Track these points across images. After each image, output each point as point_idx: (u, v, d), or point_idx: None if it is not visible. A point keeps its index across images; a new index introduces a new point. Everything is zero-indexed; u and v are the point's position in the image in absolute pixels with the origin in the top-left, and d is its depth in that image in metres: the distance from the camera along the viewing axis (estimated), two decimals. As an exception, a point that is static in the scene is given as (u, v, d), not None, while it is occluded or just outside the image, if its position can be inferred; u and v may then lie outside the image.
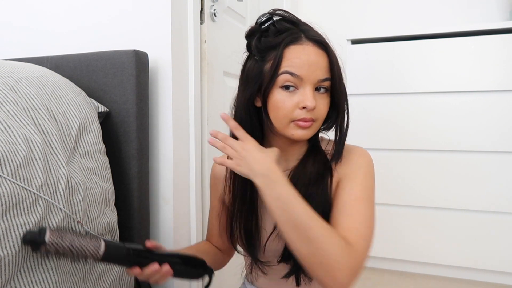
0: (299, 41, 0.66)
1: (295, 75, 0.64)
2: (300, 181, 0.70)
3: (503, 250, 1.67)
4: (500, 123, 1.65)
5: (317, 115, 0.67)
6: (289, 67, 0.64)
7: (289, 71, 0.64)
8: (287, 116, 0.66)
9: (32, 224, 0.67)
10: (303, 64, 0.64)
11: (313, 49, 0.66)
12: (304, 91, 0.65)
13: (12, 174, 0.65)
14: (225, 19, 1.43)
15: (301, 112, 0.65)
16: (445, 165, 1.74)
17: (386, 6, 2.15)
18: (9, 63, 0.91)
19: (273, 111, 0.68)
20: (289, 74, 0.64)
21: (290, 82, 0.65)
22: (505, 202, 1.66)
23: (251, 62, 0.71)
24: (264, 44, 0.67)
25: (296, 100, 0.65)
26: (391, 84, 1.80)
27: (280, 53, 0.65)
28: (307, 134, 0.68)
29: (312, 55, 0.65)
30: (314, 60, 0.65)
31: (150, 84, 1.12)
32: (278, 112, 0.67)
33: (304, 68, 0.64)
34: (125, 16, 1.15)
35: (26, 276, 0.67)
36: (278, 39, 0.66)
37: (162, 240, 1.13)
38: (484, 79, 1.66)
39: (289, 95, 0.66)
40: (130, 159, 1.03)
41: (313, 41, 0.66)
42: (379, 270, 1.92)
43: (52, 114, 0.83)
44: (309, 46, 0.66)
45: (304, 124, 0.66)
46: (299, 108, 0.65)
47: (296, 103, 0.65)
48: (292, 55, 0.65)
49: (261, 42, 0.68)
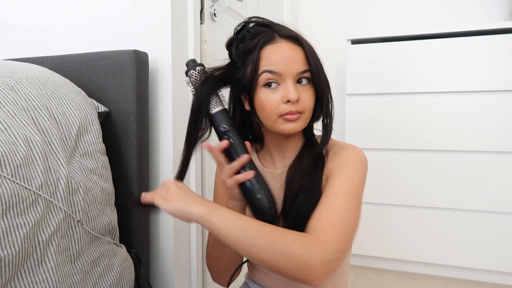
0: (273, 41, 0.69)
1: (274, 72, 0.68)
2: (296, 175, 0.71)
3: (503, 250, 1.67)
4: (500, 123, 1.65)
5: (303, 106, 0.69)
6: (267, 66, 0.68)
7: (268, 69, 0.68)
8: (273, 112, 0.69)
9: (32, 224, 0.67)
10: (279, 60, 0.68)
11: (287, 45, 0.69)
12: (286, 85, 0.68)
13: (12, 174, 0.65)
14: (225, 19, 1.43)
15: (286, 106, 0.68)
16: (445, 165, 1.74)
17: (385, 6, 2.15)
18: (9, 63, 0.91)
19: (260, 110, 0.71)
20: (268, 72, 0.68)
21: (271, 79, 0.68)
22: (505, 202, 1.66)
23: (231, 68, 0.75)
24: (242, 49, 0.71)
25: (279, 96, 0.68)
26: (390, 84, 1.80)
27: (257, 54, 0.69)
28: (297, 126, 0.70)
29: (287, 51, 0.68)
30: (289, 55, 0.68)
31: (150, 84, 1.12)
32: (265, 110, 0.70)
33: (281, 64, 0.68)
34: (125, 16, 1.15)
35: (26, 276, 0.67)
36: (254, 42, 0.70)
37: (162, 240, 1.14)
38: (484, 79, 1.66)
39: (272, 92, 0.69)
40: (130, 159, 1.03)
41: (286, 37, 0.70)
42: (379, 270, 1.92)
43: (52, 114, 0.83)
44: (282, 43, 0.69)
45: (291, 117, 0.68)
46: (284, 103, 0.68)
47: (280, 98, 0.68)
48: (268, 54, 0.68)
49: (239, 49, 0.72)
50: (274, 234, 0.60)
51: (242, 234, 0.61)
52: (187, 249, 1.21)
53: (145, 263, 1.07)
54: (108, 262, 0.88)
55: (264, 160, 0.81)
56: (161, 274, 1.15)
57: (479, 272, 1.78)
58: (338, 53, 2.18)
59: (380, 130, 1.82)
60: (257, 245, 0.60)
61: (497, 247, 1.68)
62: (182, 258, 1.18)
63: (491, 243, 1.68)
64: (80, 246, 0.80)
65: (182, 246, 1.18)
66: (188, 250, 1.22)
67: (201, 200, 0.66)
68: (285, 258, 0.58)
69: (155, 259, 1.15)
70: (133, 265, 0.98)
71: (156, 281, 1.15)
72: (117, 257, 0.92)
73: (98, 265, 0.85)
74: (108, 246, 0.90)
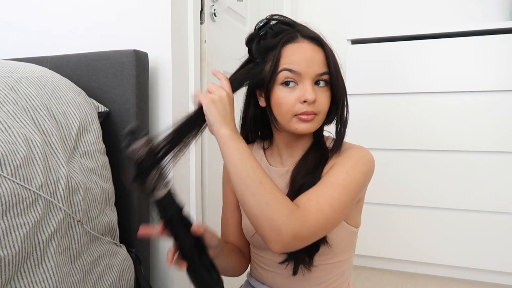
0: (295, 40, 0.69)
1: (293, 71, 0.68)
2: (300, 173, 0.72)
3: (503, 250, 1.67)
4: (500, 123, 1.64)
5: (319, 108, 0.70)
6: (287, 64, 0.68)
7: (288, 68, 0.68)
8: (289, 111, 0.69)
9: (32, 224, 0.67)
10: (300, 60, 0.68)
11: (309, 46, 0.69)
12: (304, 85, 0.68)
13: (12, 174, 0.65)
14: (225, 19, 1.43)
15: (302, 106, 0.68)
16: (445, 165, 1.73)
17: (386, 6, 2.15)
18: (9, 63, 0.91)
19: (276, 107, 0.71)
20: (287, 70, 0.68)
21: (290, 78, 0.68)
22: (505, 202, 1.66)
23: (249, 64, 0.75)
24: (263, 46, 0.71)
25: (297, 95, 0.68)
26: (391, 84, 1.79)
27: (278, 52, 0.69)
28: (310, 127, 0.70)
29: (309, 51, 0.69)
30: (311, 55, 0.69)
31: (150, 84, 1.12)
32: (281, 108, 0.70)
33: (301, 64, 0.68)
34: (125, 16, 1.15)
35: (26, 276, 0.67)
36: (276, 40, 0.70)
37: (162, 240, 1.14)
38: (484, 79, 1.66)
39: (289, 90, 0.69)
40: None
41: (308, 38, 0.70)
42: (379, 270, 1.92)
43: (52, 114, 0.83)
44: (305, 43, 0.69)
45: (306, 118, 0.69)
46: (300, 102, 0.68)
47: (297, 98, 0.68)
48: (290, 53, 0.68)
49: (260, 45, 0.72)
50: (269, 189, 0.62)
51: (245, 171, 0.62)
52: (187, 249, 1.21)
53: (145, 263, 1.07)
54: (108, 262, 0.88)
55: (271, 158, 0.81)
56: (161, 274, 1.15)
57: (479, 272, 1.78)
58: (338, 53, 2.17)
59: (380, 130, 1.82)
60: (250, 188, 0.62)
61: (497, 247, 1.68)
62: (182, 258, 1.18)
63: (491, 243, 1.68)
64: (80, 246, 0.80)
65: (182, 246, 1.18)
66: (188, 250, 1.21)
67: (233, 123, 0.68)
68: (265, 213, 0.60)
69: (155, 259, 1.15)
70: (133, 265, 0.98)
71: (156, 281, 1.15)
72: (117, 257, 0.92)
73: (98, 265, 0.85)
74: (108, 246, 0.90)
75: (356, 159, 0.71)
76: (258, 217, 0.61)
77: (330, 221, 0.65)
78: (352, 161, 0.70)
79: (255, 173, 0.63)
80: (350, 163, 0.70)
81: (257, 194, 0.61)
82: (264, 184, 0.62)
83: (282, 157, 0.79)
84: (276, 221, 0.59)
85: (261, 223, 0.61)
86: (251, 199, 0.61)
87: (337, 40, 2.07)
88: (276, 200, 0.61)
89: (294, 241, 0.61)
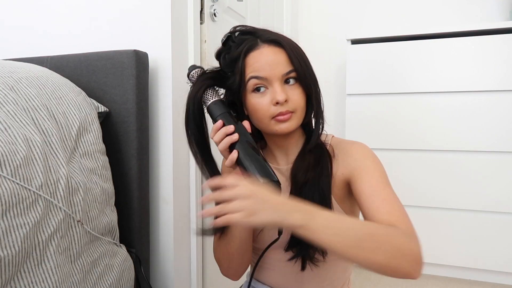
0: (255, 47, 0.71)
1: (260, 77, 0.70)
2: (300, 170, 0.73)
3: (503, 250, 1.67)
4: (500, 123, 1.64)
5: (293, 106, 0.71)
6: (252, 72, 0.70)
7: (254, 76, 0.70)
8: (265, 115, 0.71)
9: (32, 224, 0.67)
10: (263, 65, 0.70)
11: (269, 49, 0.71)
12: (273, 88, 0.70)
13: (12, 174, 0.65)
14: (225, 19, 1.43)
15: (276, 108, 0.70)
16: (445, 165, 1.73)
17: (386, 6, 2.15)
18: (9, 63, 0.91)
19: (253, 114, 0.73)
20: (254, 78, 0.70)
21: (258, 84, 0.70)
22: (505, 202, 1.65)
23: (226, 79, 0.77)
24: (229, 59, 0.73)
25: (269, 99, 0.70)
26: (391, 84, 1.79)
27: (242, 62, 0.71)
28: (290, 125, 0.71)
29: (270, 55, 0.70)
30: (272, 58, 0.70)
31: (150, 84, 1.12)
32: (257, 113, 0.71)
33: (265, 69, 0.69)
34: (125, 16, 1.15)
35: (26, 276, 0.67)
36: (238, 51, 0.72)
37: (162, 240, 1.14)
38: (484, 79, 1.66)
39: (261, 95, 0.71)
40: (130, 159, 1.03)
41: (267, 42, 0.72)
42: (379, 270, 1.92)
43: (52, 114, 0.83)
44: (265, 48, 0.71)
45: (283, 118, 0.70)
46: (273, 105, 0.70)
47: (270, 101, 0.70)
48: (253, 61, 0.70)
49: (226, 59, 0.74)
50: (380, 233, 0.58)
51: (350, 240, 0.56)
52: (187, 249, 1.21)
53: (145, 263, 1.07)
54: (108, 262, 0.88)
55: (267, 158, 0.82)
56: (161, 274, 1.15)
57: (479, 272, 1.77)
58: (338, 53, 2.18)
59: (380, 130, 1.82)
60: (367, 248, 0.56)
61: (497, 247, 1.68)
62: (182, 258, 1.18)
63: (491, 243, 1.68)
64: (80, 246, 0.80)
65: (182, 246, 1.18)
66: (188, 250, 1.22)
67: (293, 205, 0.57)
68: (397, 255, 0.56)
69: (155, 259, 1.15)
70: (133, 265, 0.98)
71: (156, 281, 1.15)
72: (117, 257, 0.92)
73: (98, 265, 0.85)
74: (108, 246, 0.90)
75: (370, 156, 0.73)
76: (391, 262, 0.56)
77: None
78: (369, 159, 0.72)
79: (360, 232, 0.57)
80: (369, 161, 0.72)
81: (379, 246, 0.56)
82: (374, 234, 0.57)
83: (277, 157, 0.80)
84: (409, 254, 0.57)
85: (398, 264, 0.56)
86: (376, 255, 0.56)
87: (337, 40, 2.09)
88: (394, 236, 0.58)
89: (421, 254, 0.59)
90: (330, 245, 0.55)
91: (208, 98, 0.73)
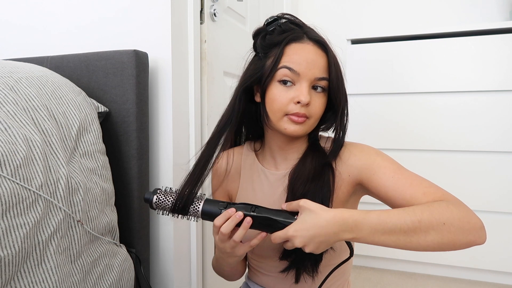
0: (300, 40, 0.69)
1: (292, 70, 0.67)
2: (299, 179, 0.71)
3: (503, 250, 1.67)
4: (500, 123, 1.65)
5: (311, 112, 0.69)
6: (288, 63, 0.68)
7: (288, 66, 0.68)
8: (281, 109, 0.69)
9: (31, 224, 0.67)
10: (301, 60, 0.67)
11: (312, 48, 0.69)
12: (300, 87, 0.68)
13: (12, 174, 0.65)
14: (225, 19, 1.43)
15: (295, 107, 0.68)
16: (445, 165, 1.74)
17: (386, 6, 2.15)
18: (9, 63, 0.91)
19: (269, 103, 0.70)
20: (287, 68, 0.68)
21: (288, 77, 0.68)
22: (505, 202, 1.66)
23: (254, 58, 0.75)
24: (268, 41, 0.71)
25: (292, 95, 0.68)
26: (391, 84, 1.80)
27: (282, 49, 0.68)
28: (300, 129, 0.69)
29: (311, 53, 0.68)
30: (313, 58, 0.68)
31: (150, 84, 1.12)
32: (274, 104, 0.69)
33: (302, 65, 0.67)
34: (125, 16, 1.15)
35: (26, 276, 0.67)
36: (281, 37, 0.69)
37: (162, 240, 1.14)
38: (484, 79, 1.66)
39: (285, 89, 0.69)
40: (130, 159, 1.03)
41: (313, 40, 0.70)
42: (379, 270, 1.92)
43: (52, 114, 0.83)
44: (309, 45, 0.69)
45: (296, 119, 0.68)
46: (294, 103, 0.68)
47: (292, 98, 0.68)
48: (292, 52, 0.68)
49: (266, 40, 0.72)
50: (426, 215, 0.58)
51: (400, 234, 0.58)
52: (187, 249, 1.21)
53: (145, 263, 1.07)
54: (108, 262, 0.88)
55: (264, 161, 0.80)
56: (161, 274, 1.15)
57: (479, 272, 1.78)
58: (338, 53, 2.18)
59: (380, 130, 1.82)
60: (420, 234, 0.57)
61: (497, 247, 1.68)
62: (182, 258, 1.18)
63: (491, 243, 1.68)
64: (80, 246, 0.80)
65: (182, 246, 1.18)
66: (188, 250, 1.22)
67: (338, 225, 0.59)
68: (450, 229, 0.57)
69: (155, 259, 1.15)
70: (133, 265, 0.98)
71: (156, 281, 1.15)
72: (117, 257, 0.92)
73: (98, 265, 0.85)
74: (108, 246, 0.90)
75: (374, 152, 0.72)
76: (452, 238, 0.57)
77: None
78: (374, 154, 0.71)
79: (409, 222, 0.58)
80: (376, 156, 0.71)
81: (434, 228, 0.57)
82: (420, 221, 0.57)
83: (276, 160, 0.77)
84: (465, 222, 0.57)
85: (460, 238, 0.57)
86: (435, 237, 0.57)
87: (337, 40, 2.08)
88: (445, 213, 0.58)
89: (478, 218, 0.60)
90: (384, 245, 0.59)
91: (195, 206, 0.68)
